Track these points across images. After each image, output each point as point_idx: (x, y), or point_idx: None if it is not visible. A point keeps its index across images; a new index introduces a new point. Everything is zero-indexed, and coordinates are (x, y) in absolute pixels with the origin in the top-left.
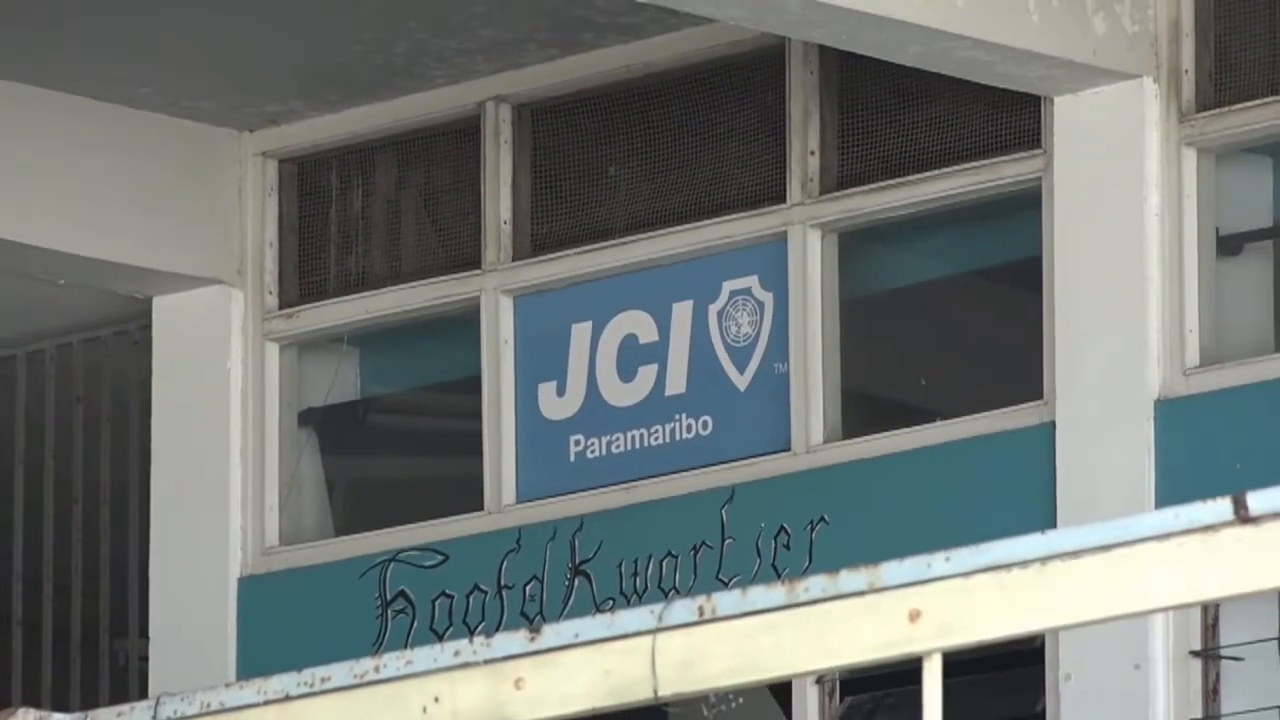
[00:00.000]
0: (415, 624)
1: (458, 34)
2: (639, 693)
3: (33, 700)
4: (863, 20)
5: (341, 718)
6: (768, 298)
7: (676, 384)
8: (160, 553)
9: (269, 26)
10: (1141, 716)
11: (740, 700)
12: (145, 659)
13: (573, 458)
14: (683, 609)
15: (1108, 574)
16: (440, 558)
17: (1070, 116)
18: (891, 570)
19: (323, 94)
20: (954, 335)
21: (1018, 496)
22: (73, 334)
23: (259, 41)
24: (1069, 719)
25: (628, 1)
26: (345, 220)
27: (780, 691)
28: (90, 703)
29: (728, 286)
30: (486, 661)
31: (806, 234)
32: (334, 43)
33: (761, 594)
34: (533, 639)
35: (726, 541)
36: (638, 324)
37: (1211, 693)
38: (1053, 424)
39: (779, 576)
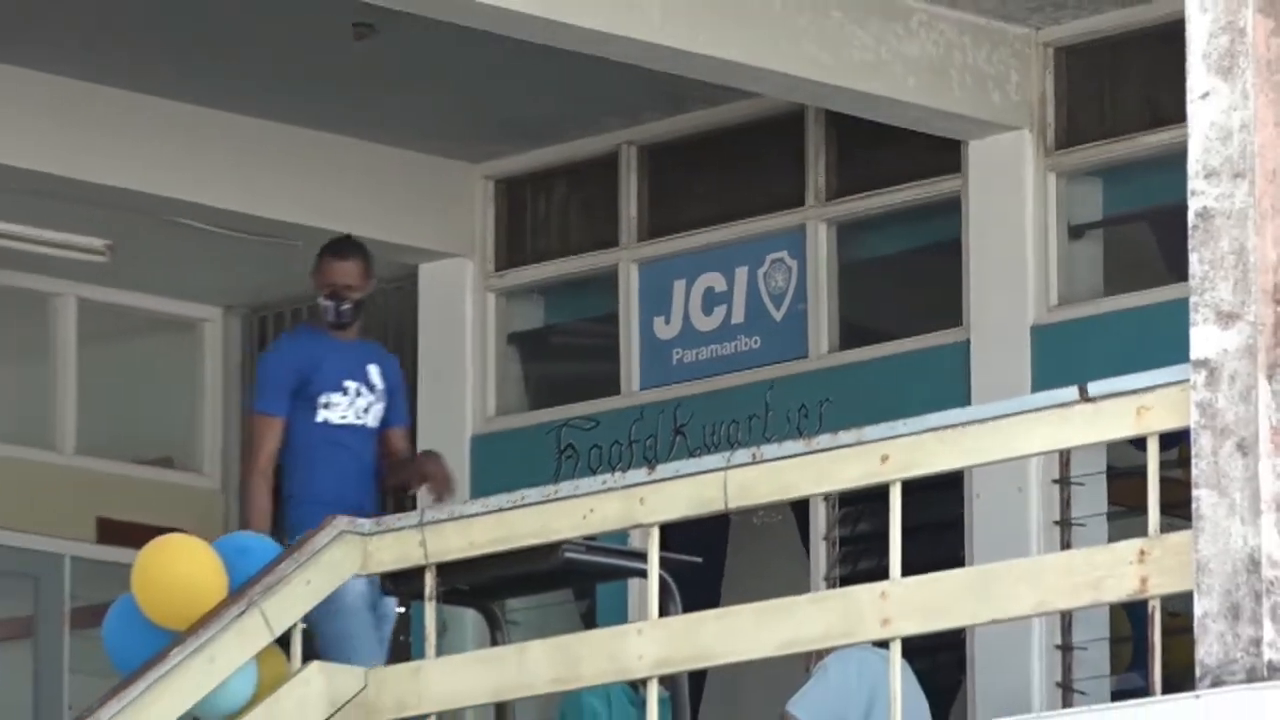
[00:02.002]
0: (579, 465)
1: (602, 103)
2: (715, 505)
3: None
4: (853, 94)
5: (534, 522)
6: (794, 264)
7: (738, 317)
8: (425, 420)
9: (489, 100)
10: (1023, 520)
11: (780, 516)
12: None
13: (674, 362)
14: (742, 455)
15: (1003, 432)
16: (594, 423)
17: (979, 153)
18: (870, 431)
19: (519, 140)
20: (907, 286)
21: (948, 385)
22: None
23: (483, 109)
24: (978, 523)
25: (707, 83)
26: (535, 217)
27: (799, 506)
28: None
29: (769, 257)
30: (623, 487)
31: (818, 225)
32: (527, 109)
33: (790, 446)
34: (650, 473)
35: (769, 414)
36: (714, 280)
37: (1065, 504)
38: (968, 341)
39: (801, 435)
